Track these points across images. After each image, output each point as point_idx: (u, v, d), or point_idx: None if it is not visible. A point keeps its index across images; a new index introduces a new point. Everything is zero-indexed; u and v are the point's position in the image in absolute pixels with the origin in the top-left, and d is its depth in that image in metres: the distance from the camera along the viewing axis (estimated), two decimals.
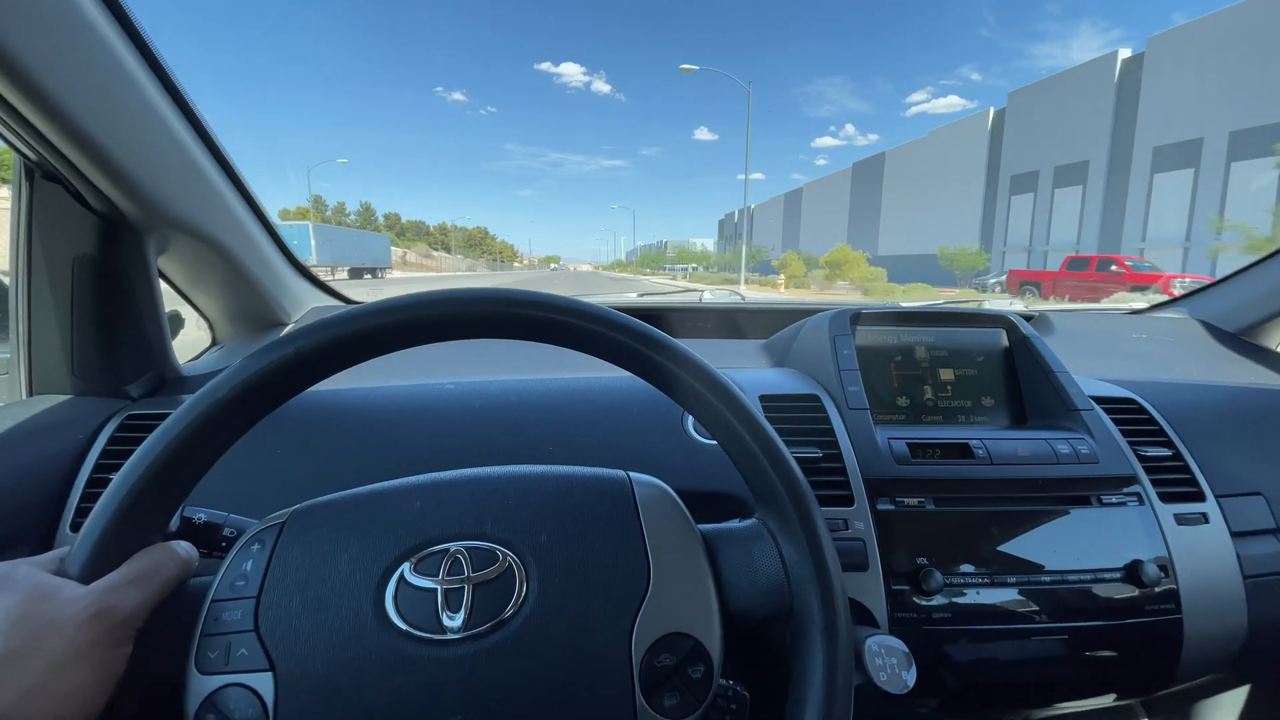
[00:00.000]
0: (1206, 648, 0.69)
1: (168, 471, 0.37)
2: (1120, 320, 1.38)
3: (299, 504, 0.43)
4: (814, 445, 0.71)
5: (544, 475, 0.45)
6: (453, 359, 1.01)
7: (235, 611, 0.37)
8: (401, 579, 0.39)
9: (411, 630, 0.37)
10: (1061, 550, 0.68)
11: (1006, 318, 0.87)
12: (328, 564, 0.39)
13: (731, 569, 0.43)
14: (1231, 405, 0.88)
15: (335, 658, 0.36)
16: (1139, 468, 0.74)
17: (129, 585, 0.36)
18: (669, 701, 0.38)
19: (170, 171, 0.72)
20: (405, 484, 0.44)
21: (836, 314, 0.85)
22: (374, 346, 0.41)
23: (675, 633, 0.39)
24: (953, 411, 0.83)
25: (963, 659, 0.66)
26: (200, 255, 0.85)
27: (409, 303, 0.40)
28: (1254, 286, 1.23)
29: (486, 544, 0.40)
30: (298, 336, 0.39)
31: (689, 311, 1.33)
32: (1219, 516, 0.73)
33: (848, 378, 0.78)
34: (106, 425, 0.72)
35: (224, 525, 0.50)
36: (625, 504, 0.43)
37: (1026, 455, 0.71)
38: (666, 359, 0.42)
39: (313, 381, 0.41)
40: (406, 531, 0.41)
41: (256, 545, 0.40)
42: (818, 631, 0.39)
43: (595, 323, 0.41)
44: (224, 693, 0.35)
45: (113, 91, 0.63)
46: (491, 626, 0.37)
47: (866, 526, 0.67)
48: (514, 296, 0.41)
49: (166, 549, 0.39)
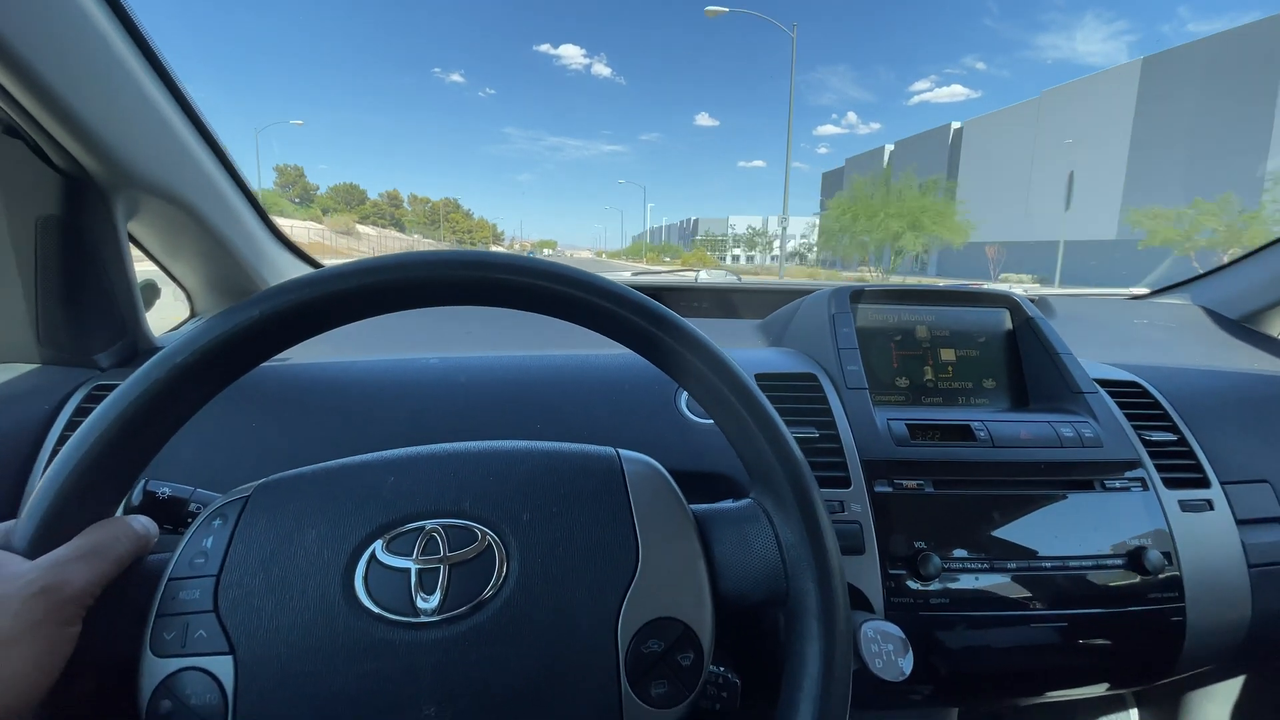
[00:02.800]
0: (1209, 637, 0.68)
1: (122, 441, 0.35)
2: (1122, 306, 1.36)
3: (265, 477, 0.40)
4: (811, 425, 0.69)
5: (528, 451, 0.42)
6: (439, 334, 0.99)
7: (194, 591, 0.35)
8: (373, 558, 0.36)
9: (383, 612, 0.35)
10: (1063, 535, 0.66)
11: (1010, 298, 0.85)
12: (293, 541, 0.36)
13: (725, 551, 0.41)
14: (1237, 391, 0.86)
15: (300, 641, 0.34)
16: (1143, 452, 0.72)
17: (78, 560, 0.33)
18: (656, 690, 0.36)
19: (138, 129, 0.68)
20: (379, 458, 0.41)
21: (836, 291, 0.83)
22: (348, 311, 0.38)
23: (664, 617, 0.37)
24: (953, 393, 0.81)
25: (960, 645, 0.64)
26: (175, 221, 0.81)
27: (386, 264, 0.37)
28: (1258, 273, 1.21)
29: (464, 522, 0.38)
30: (264, 298, 0.36)
31: (684, 291, 1.30)
32: (1224, 503, 0.72)
33: (846, 356, 0.76)
34: (73, 395, 0.69)
35: (190, 500, 0.47)
36: (614, 482, 0.41)
37: (1028, 438, 0.69)
38: (662, 331, 0.39)
39: (281, 347, 0.38)
40: (379, 508, 0.38)
41: (218, 520, 0.38)
42: (814, 618, 0.37)
43: (587, 291, 0.39)
44: (180, 676, 0.33)
45: (76, 42, 0.58)
46: (469, 609, 0.35)
47: (863, 509, 0.65)
48: (501, 261, 0.38)
49: (121, 523, 0.37)
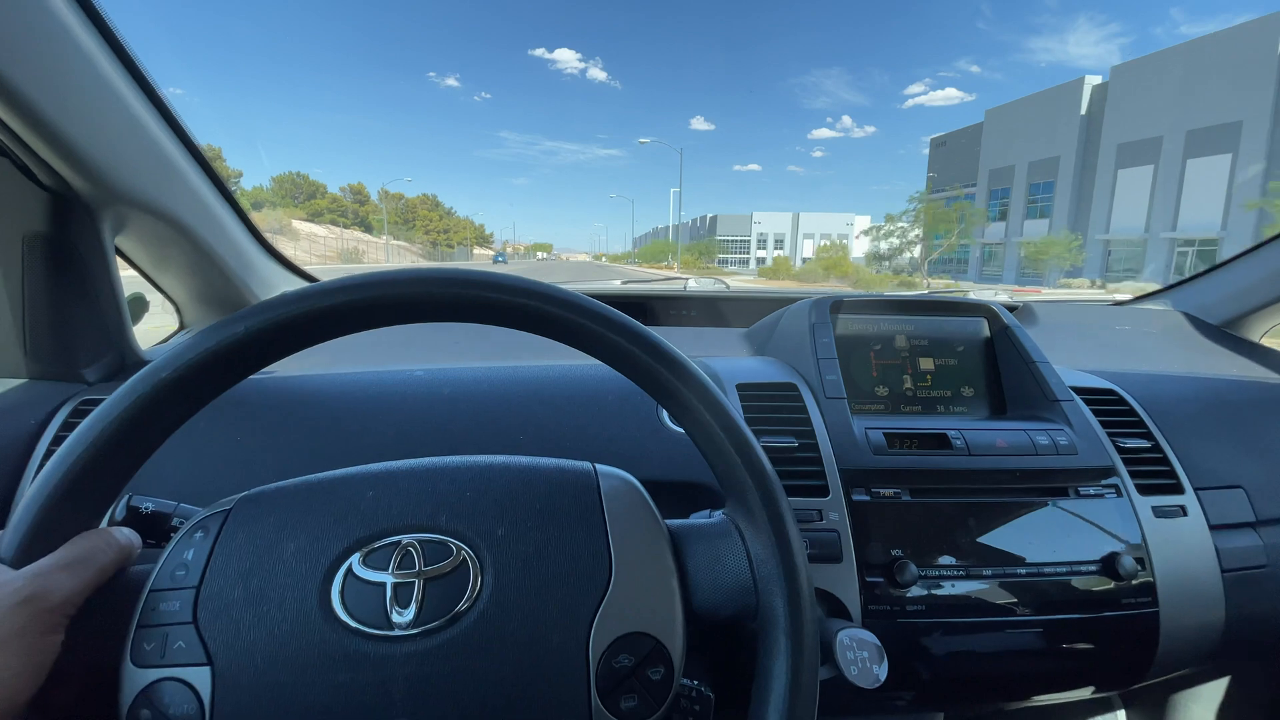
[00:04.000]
0: (1183, 641, 0.69)
1: (107, 454, 0.35)
2: (1104, 311, 1.38)
3: (247, 491, 0.41)
4: (790, 435, 0.70)
5: (505, 466, 0.43)
6: (425, 346, 0.99)
7: (174, 602, 0.36)
8: (349, 571, 0.37)
9: (358, 625, 0.35)
10: (1038, 542, 0.67)
11: (988, 307, 0.86)
12: (272, 554, 0.37)
13: (697, 566, 0.42)
14: (1213, 397, 0.87)
15: (276, 653, 0.35)
16: (1118, 459, 0.73)
17: (62, 570, 0.34)
18: (626, 704, 0.36)
19: (124, 146, 0.69)
20: (359, 472, 0.42)
21: (817, 301, 0.84)
22: (331, 327, 0.39)
23: (635, 632, 0.38)
24: (932, 401, 0.82)
25: (937, 652, 0.65)
26: (162, 235, 0.82)
27: (371, 281, 0.38)
28: (1238, 279, 1.22)
29: (440, 536, 0.38)
30: (248, 314, 0.37)
31: (672, 300, 1.31)
32: (1198, 509, 0.73)
33: (825, 366, 0.77)
34: (60, 410, 0.69)
35: (173, 515, 0.48)
36: (589, 497, 0.42)
37: (1005, 446, 0.70)
38: (637, 347, 0.40)
39: (265, 363, 0.39)
40: (357, 522, 0.39)
41: (200, 533, 0.38)
42: (782, 633, 0.38)
43: (558, 306, 0.39)
44: (159, 687, 0.34)
45: (60, 60, 0.59)
46: (443, 623, 0.36)
47: (841, 517, 0.66)
48: (481, 279, 0.39)
49: (105, 534, 0.38)
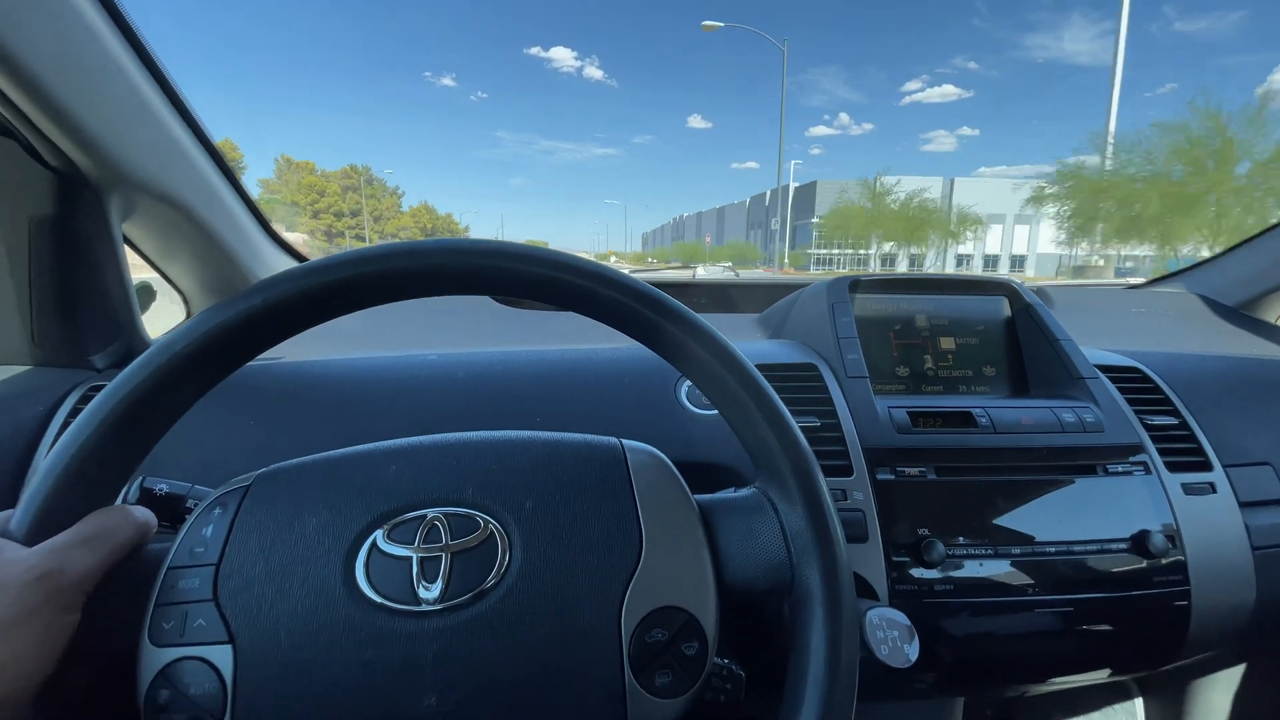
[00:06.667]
0: (1214, 621, 0.67)
1: (122, 429, 0.34)
2: (1119, 295, 1.37)
3: (265, 467, 0.40)
4: (812, 415, 0.69)
5: (531, 440, 0.42)
6: (439, 330, 0.99)
7: (193, 579, 0.35)
8: (374, 546, 0.36)
9: (384, 601, 0.34)
10: (1066, 521, 0.66)
11: (1009, 285, 0.85)
12: (294, 529, 0.36)
13: (729, 540, 0.40)
14: (1237, 375, 0.86)
15: (300, 629, 0.33)
16: (1145, 436, 0.72)
17: (78, 547, 0.33)
18: (660, 680, 0.35)
19: (132, 128, 0.68)
20: (380, 447, 0.41)
21: (834, 282, 0.83)
22: (350, 299, 0.37)
23: (668, 606, 0.36)
24: (953, 381, 0.80)
25: (964, 632, 0.64)
26: (169, 221, 0.81)
27: (390, 251, 0.37)
28: (1253, 261, 1.22)
29: (467, 510, 0.37)
30: (266, 286, 0.36)
31: (682, 287, 1.30)
32: (1227, 486, 0.71)
33: (846, 346, 0.76)
34: (68, 397, 0.68)
35: (188, 496, 0.47)
36: (617, 471, 0.41)
37: (1030, 424, 0.69)
38: (665, 319, 0.39)
39: (282, 337, 0.38)
40: (381, 496, 0.38)
41: (218, 510, 0.37)
42: (819, 605, 0.37)
43: (591, 280, 0.38)
44: (179, 666, 0.33)
45: (68, 38, 0.58)
46: (471, 598, 0.35)
47: (866, 497, 0.64)
48: (508, 250, 0.38)
49: (121, 511, 0.36)
